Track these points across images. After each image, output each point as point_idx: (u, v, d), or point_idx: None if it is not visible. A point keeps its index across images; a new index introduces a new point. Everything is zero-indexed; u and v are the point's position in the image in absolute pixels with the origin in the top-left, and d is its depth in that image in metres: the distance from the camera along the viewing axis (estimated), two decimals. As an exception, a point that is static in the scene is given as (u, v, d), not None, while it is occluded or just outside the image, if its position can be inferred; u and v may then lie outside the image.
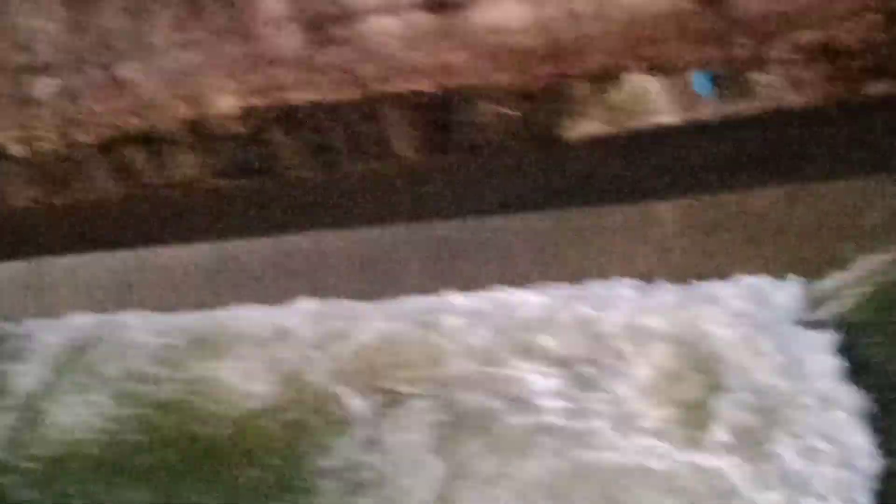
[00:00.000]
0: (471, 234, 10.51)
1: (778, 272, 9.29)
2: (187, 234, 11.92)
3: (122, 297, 11.98)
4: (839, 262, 9.02)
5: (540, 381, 9.48)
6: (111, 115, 12.67)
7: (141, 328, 11.70)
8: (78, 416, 11.10)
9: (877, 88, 9.66)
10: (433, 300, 10.43)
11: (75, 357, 11.74)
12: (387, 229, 10.91)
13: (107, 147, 12.85)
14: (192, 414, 10.71)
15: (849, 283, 8.91)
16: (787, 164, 9.50)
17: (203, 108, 12.19)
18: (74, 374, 11.60)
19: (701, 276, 9.62)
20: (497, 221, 10.43)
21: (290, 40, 11.57)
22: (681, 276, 9.71)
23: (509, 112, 11.05)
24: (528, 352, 9.72)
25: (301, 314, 10.94)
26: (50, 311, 12.36)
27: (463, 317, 10.19)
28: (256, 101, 11.94)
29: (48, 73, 12.81)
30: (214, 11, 11.66)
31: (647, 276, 9.85)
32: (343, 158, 11.93)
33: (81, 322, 12.06)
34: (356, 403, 10.03)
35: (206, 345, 11.24)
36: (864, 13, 9.46)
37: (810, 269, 9.15)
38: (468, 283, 10.43)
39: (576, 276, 10.10)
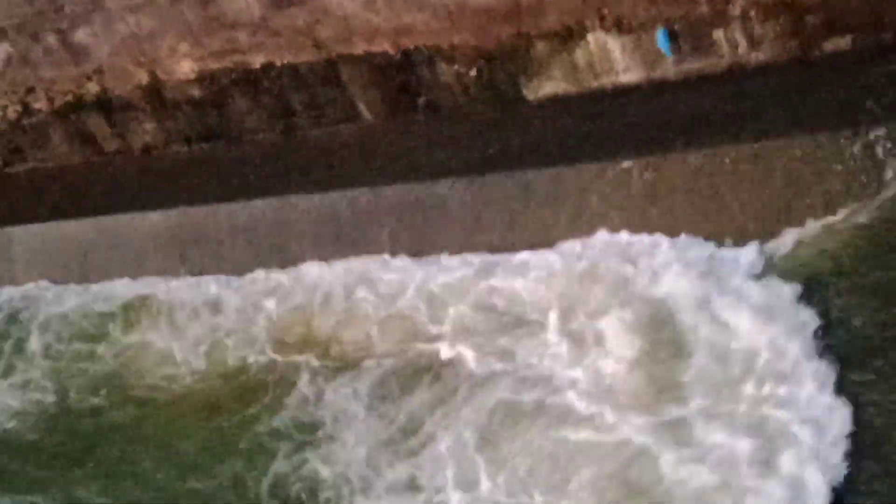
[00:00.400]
0: (437, 197, 10.52)
1: (740, 229, 9.37)
2: (148, 201, 11.87)
3: (82, 265, 11.92)
4: (801, 218, 9.11)
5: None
6: (67, 82, 12.50)
7: (71, 298, 11.62)
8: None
9: (835, 45, 9.71)
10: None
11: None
12: (351, 192, 10.89)
13: (63, 114, 12.70)
14: (130, 386, 10.73)
15: (810, 239, 9.00)
16: (748, 122, 9.55)
17: (160, 73, 12.05)
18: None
19: (665, 233, 9.69)
20: (462, 183, 10.43)
21: (247, 2, 11.41)
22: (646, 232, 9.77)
23: (469, 72, 11.01)
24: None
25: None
26: (8, 280, 12.30)
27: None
28: (214, 65, 11.82)
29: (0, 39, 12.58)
30: (169, -27, 11.47)
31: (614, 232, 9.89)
32: (304, 122, 11.87)
33: (8, 295, 11.97)
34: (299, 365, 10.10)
35: (138, 313, 11.21)
36: (821, -31, 9.46)
37: (773, 225, 9.23)
38: (437, 247, 10.46)
39: (542, 236, 10.13)
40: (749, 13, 9.77)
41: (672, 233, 9.52)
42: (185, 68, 11.90)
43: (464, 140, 10.89)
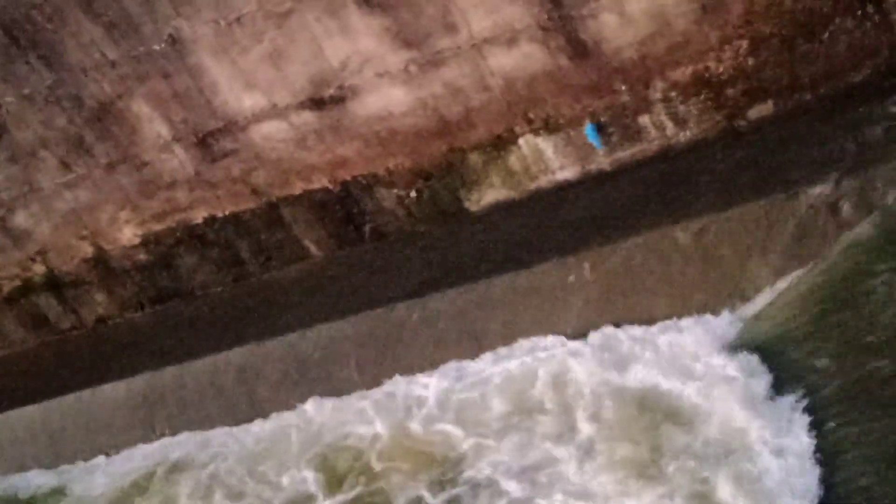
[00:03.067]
0: (395, 321, 10.50)
1: (698, 305, 9.42)
2: (108, 373, 11.73)
3: (55, 447, 11.73)
4: (753, 289, 9.18)
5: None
6: (12, 266, 12.48)
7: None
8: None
9: (758, 112, 9.92)
10: None
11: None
12: (311, 331, 10.85)
13: (13, 299, 12.65)
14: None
15: (771, 303, 9.06)
16: (686, 199, 9.68)
17: (104, 243, 12.07)
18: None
19: (624, 322, 9.71)
20: (419, 303, 10.44)
21: (179, 160, 11.51)
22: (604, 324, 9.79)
23: (410, 194, 11.12)
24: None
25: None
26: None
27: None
28: (157, 227, 11.86)
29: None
30: (99, 146, 11.55)
31: (574, 330, 9.91)
32: (254, 268, 11.90)
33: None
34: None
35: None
36: (731, 41, 9.70)
37: (730, 299, 9.30)
38: (409, 368, 10.41)
39: (507, 341, 10.12)
40: (670, 95, 9.98)
41: (630, 320, 9.54)
42: (129, 234, 11.93)
43: (414, 261, 10.94)
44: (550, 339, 9.85)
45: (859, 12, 9.38)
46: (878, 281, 8.48)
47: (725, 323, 9.14)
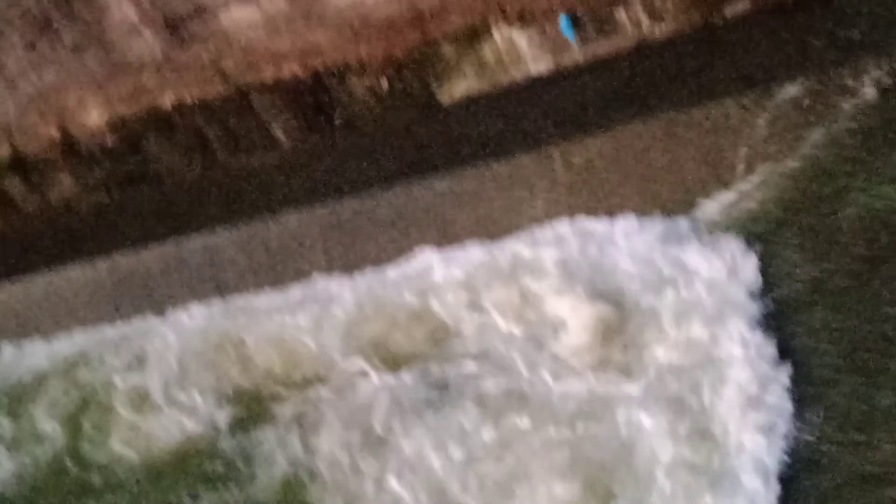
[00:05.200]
0: (365, 211, 10.49)
1: (672, 202, 9.47)
2: (76, 255, 11.65)
3: (19, 327, 11.69)
4: (722, 182, 9.25)
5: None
6: (-23, 147, 12.30)
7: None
8: None
9: (734, 9, 9.88)
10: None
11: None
12: (281, 217, 10.82)
13: (-24, 179, 12.48)
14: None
15: (742, 196, 9.13)
16: (660, 95, 9.69)
17: (71, 126, 11.89)
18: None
19: (594, 212, 9.77)
20: (389, 194, 10.42)
21: (148, 44, 11.34)
22: (572, 214, 9.83)
23: (381, 84, 11.02)
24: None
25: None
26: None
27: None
28: (124, 111, 11.70)
29: None
30: (65, 27, 11.35)
31: (542, 221, 9.94)
32: (222, 154, 11.78)
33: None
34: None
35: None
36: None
37: (696, 193, 9.36)
38: (373, 260, 10.42)
39: (478, 233, 10.14)
40: (647, -11, 9.93)
41: (601, 211, 9.59)
42: (96, 118, 11.76)
43: (384, 151, 10.90)
44: None
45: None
46: (846, 180, 8.57)
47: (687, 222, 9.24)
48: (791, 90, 9.18)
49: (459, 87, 10.91)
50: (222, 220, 10.95)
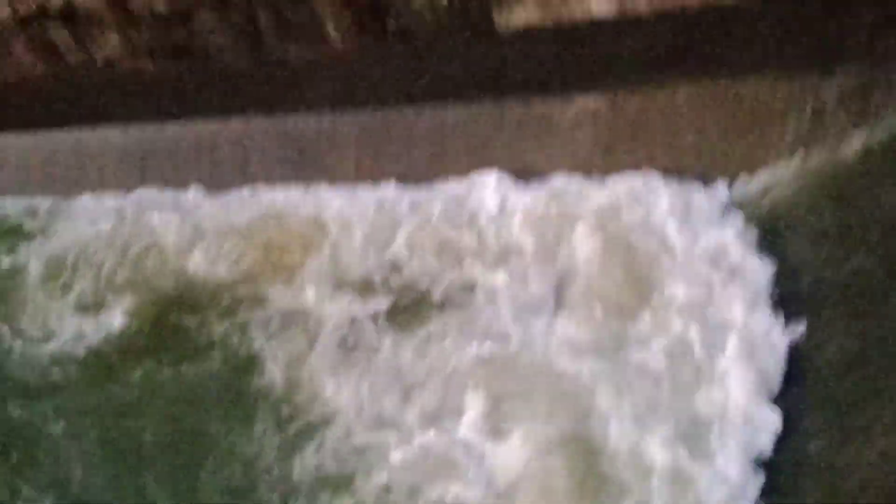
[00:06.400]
0: (403, 123, 10.39)
1: (703, 167, 9.32)
2: (111, 116, 11.66)
3: (45, 177, 11.74)
4: (764, 162, 9.06)
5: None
6: (31, -11, 12.22)
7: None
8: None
9: (813, -16, 9.56)
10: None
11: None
12: (317, 116, 10.74)
13: (26, 23, 12.41)
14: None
15: (773, 182, 8.95)
16: (719, 60, 9.43)
17: (127, -15, 11.78)
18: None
19: (628, 170, 9.63)
20: (428, 111, 10.30)
21: (218, -84, 11.14)
22: (610, 169, 9.69)
23: (441, -1, 10.82)
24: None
25: None
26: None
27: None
28: (182, -21, 11.57)
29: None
30: None
31: (580, 168, 9.82)
32: (271, 41, 11.63)
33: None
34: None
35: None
36: None
37: (734, 168, 9.19)
38: (402, 173, 10.35)
39: (509, 166, 10.04)
40: (727, -52, 9.60)
41: (637, 166, 9.46)
42: (152, -19, 11.64)
43: (432, 67, 10.71)
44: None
45: None
46: (879, 187, 8.35)
47: (722, 193, 9.08)
48: (849, 82, 8.87)
49: (519, 15, 10.65)
50: (259, 108, 10.89)
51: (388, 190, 10.25)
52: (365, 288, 9.65)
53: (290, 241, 10.20)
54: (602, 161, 9.70)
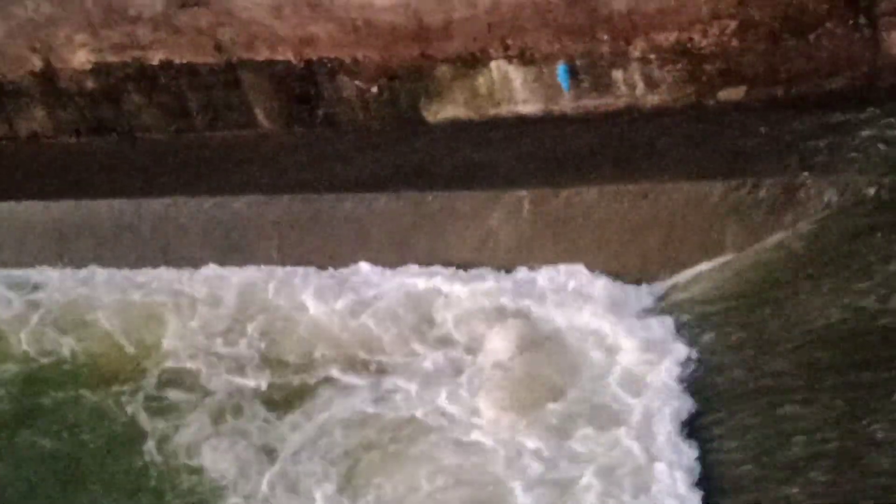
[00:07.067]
0: (327, 211, 10.44)
1: (622, 267, 9.50)
2: (35, 192, 11.51)
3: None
4: (685, 262, 9.28)
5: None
6: (-44, 61, 12.14)
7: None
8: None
9: (729, 94, 9.92)
10: None
11: None
12: (241, 199, 10.74)
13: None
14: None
15: (688, 284, 9.16)
16: (640, 163, 9.70)
17: (55, 61, 11.76)
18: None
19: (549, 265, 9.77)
20: (353, 199, 10.38)
21: (150, -2, 11.23)
22: (531, 263, 9.83)
23: (371, 89, 10.98)
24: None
25: None
26: None
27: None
28: (111, 58, 11.57)
29: None
30: (71, -36, 11.23)
31: (499, 263, 9.93)
32: (199, 123, 11.70)
33: None
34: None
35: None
36: (721, 17, 9.67)
37: (654, 268, 9.39)
38: (321, 259, 10.38)
39: (427, 258, 10.12)
40: (649, 56, 9.94)
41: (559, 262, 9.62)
42: (82, 58, 11.64)
43: (358, 156, 10.84)
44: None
45: (851, 22, 9.38)
46: (795, 287, 8.58)
47: (643, 292, 9.26)
48: (769, 185, 9.17)
49: (447, 109, 10.88)
50: (184, 189, 10.88)
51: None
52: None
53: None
54: (524, 255, 9.82)
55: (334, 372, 9.46)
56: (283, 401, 9.38)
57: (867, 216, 8.69)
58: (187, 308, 10.34)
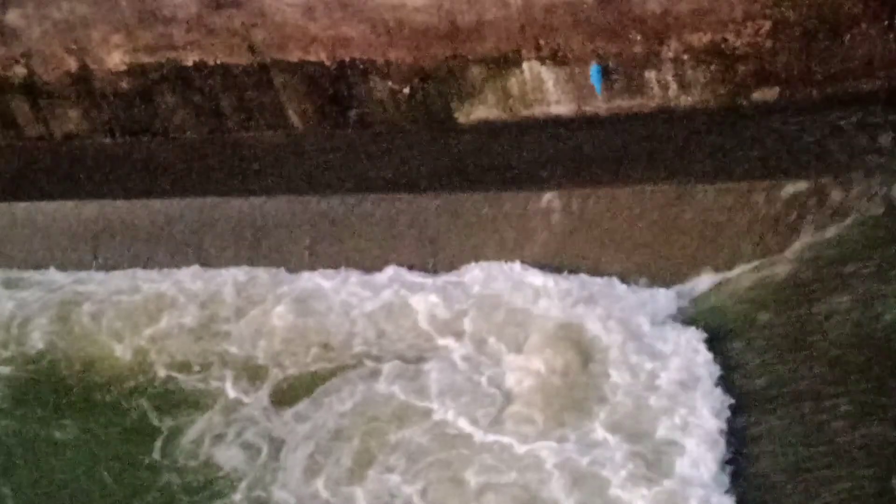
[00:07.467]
0: (357, 212, 10.45)
1: (653, 269, 9.45)
2: (68, 191, 11.61)
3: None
4: (712, 266, 9.22)
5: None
6: (-6, 61, 12.27)
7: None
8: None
9: (762, 95, 9.86)
10: None
11: None
12: (273, 200, 10.78)
13: (-15, 93, 12.44)
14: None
15: (719, 287, 9.10)
16: (673, 165, 9.65)
17: (90, 62, 11.86)
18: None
19: (581, 268, 9.73)
20: (384, 200, 10.39)
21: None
22: (563, 265, 9.80)
23: (403, 90, 10.99)
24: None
25: None
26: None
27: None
28: (146, 59, 11.66)
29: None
30: (107, -38, 11.32)
31: (530, 264, 9.91)
32: (232, 124, 11.76)
33: None
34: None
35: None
36: (754, 18, 9.61)
37: (683, 270, 9.34)
38: (353, 261, 10.40)
39: (459, 260, 10.11)
40: (682, 57, 9.89)
41: (588, 267, 9.57)
42: (116, 59, 11.73)
43: (390, 157, 10.85)
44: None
45: (886, 23, 9.31)
46: (826, 292, 8.50)
47: (671, 296, 9.19)
48: (800, 187, 9.11)
49: (479, 110, 10.88)
50: (217, 190, 10.93)
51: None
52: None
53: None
54: (555, 257, 9.80)
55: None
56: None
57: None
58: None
